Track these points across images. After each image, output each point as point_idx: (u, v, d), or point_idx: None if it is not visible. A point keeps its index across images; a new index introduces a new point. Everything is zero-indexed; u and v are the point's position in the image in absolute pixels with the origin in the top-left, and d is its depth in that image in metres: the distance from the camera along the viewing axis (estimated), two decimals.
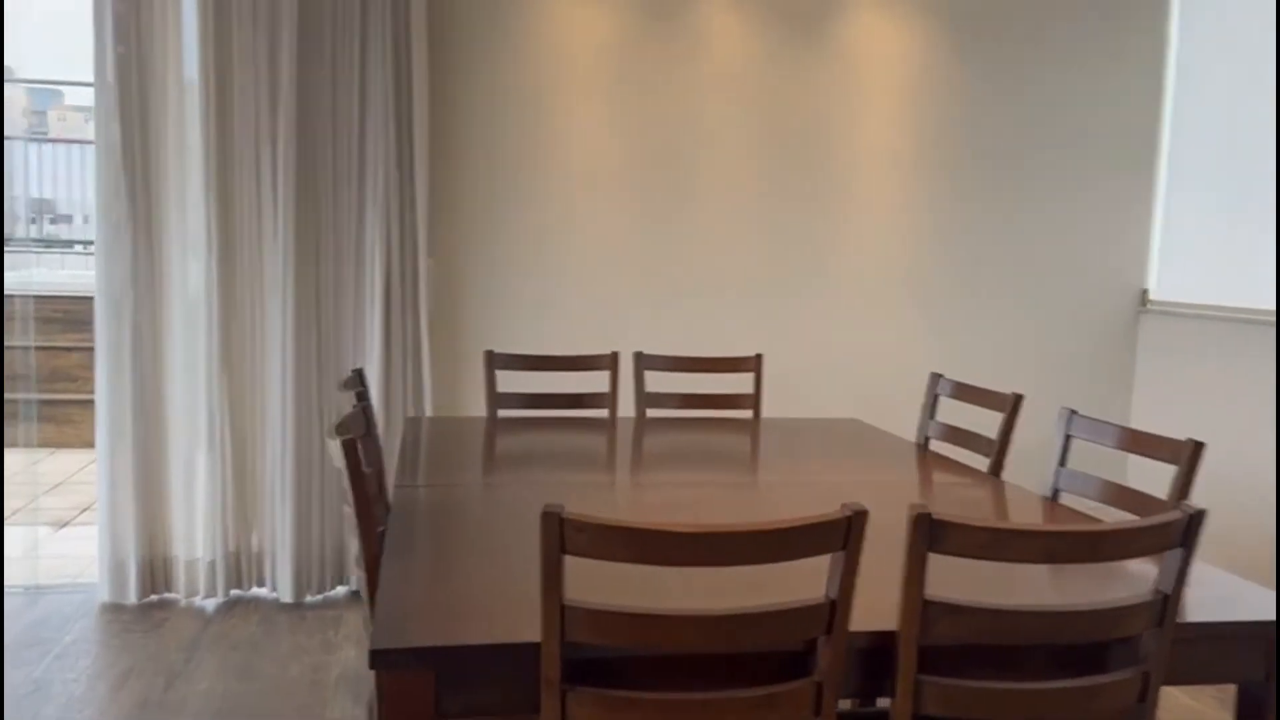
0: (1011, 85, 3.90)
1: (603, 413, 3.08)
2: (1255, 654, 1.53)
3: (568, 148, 3.62)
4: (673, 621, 1.26)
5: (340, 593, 3.47)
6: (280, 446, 3.32)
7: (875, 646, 1.38)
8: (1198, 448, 1.97)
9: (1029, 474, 2.58)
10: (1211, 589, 1.65)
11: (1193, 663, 1.51)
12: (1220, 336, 3.65)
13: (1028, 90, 3.91)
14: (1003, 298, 3.97)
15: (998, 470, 2.47)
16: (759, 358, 3.17)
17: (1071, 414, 2.26)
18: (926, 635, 1.33)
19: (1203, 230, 3.89)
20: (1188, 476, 1.97)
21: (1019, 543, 1.32)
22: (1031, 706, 1.37)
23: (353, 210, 3.36)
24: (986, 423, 2.60)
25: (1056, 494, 2.24)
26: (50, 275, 7.72)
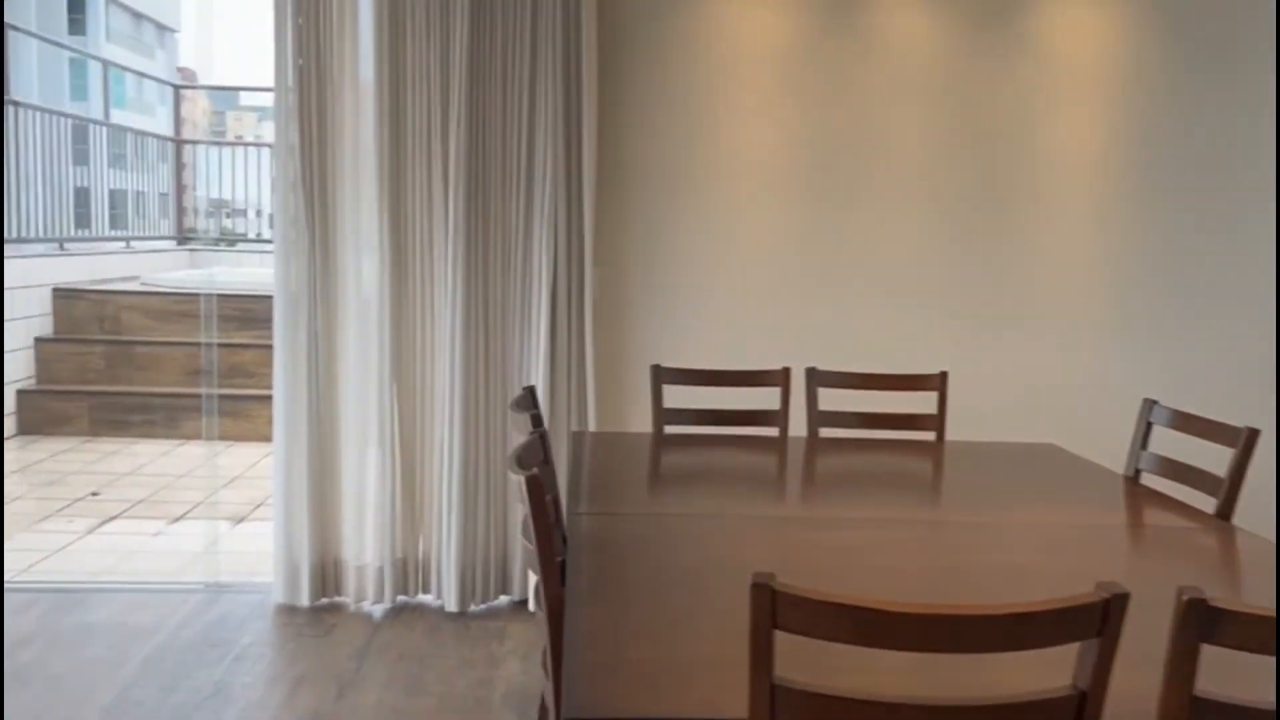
0: (1228, 79, 3.54)
1: (773, 431, 2.95)
2: None
3: (738, 154, 3.49)
4: (901, 712, 1.12)
5: (503, 602, 3.45)
6: (447, 454, 3.32)
7: None
8: None
9: (1259, 517, 2.30)
10: None
11: None
12: None
13: (1248, 83, 3.54)
14: (1221, 316, 3.61)
15: (1228, 513, 2.21)
16: (943, 375, 2.96)
17: None
18: None
19: None
20: None
21: None
22: None
23: (520, 215, 3.33)
24: (1206, 455, 2.34)
25: None
26: (228, 274, 8.10)
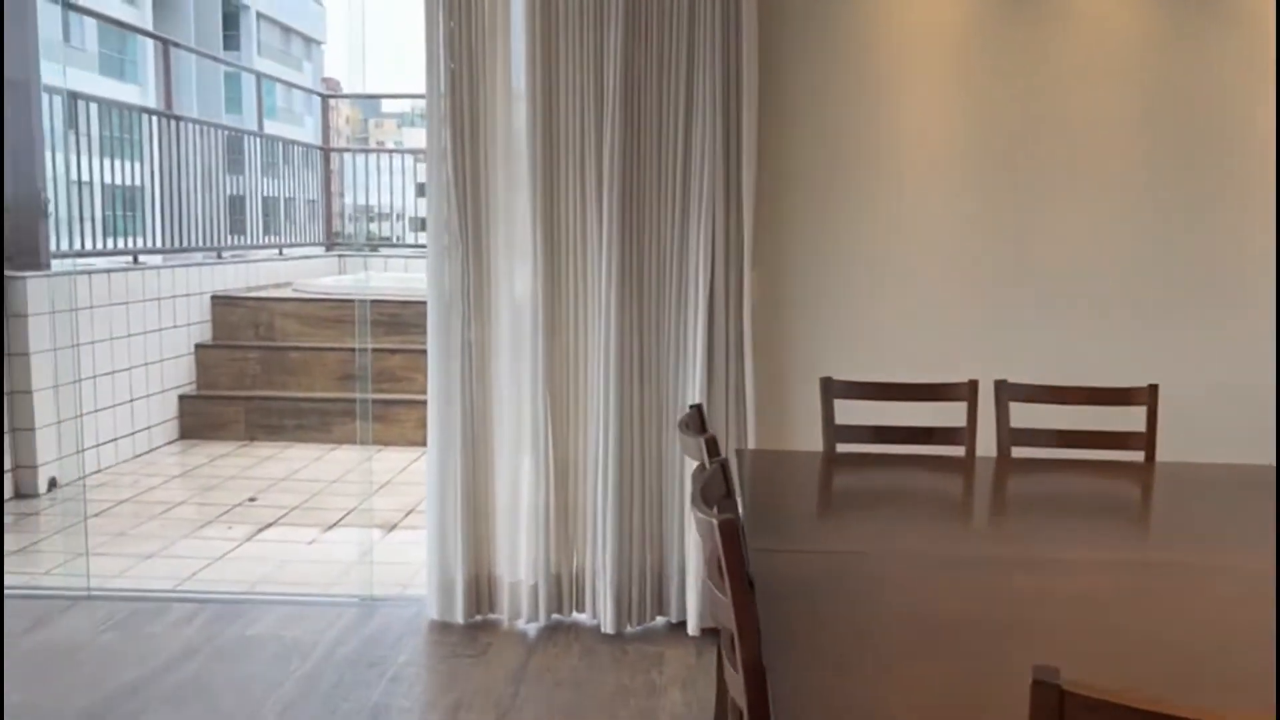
0: None
1: (958, 450, 2.69)
2: None
3: (911, 146, 3.24)
4: None
5: (659, 624, 3.29)
6: (601, 467, 3.19)
7: None
8: None
9: None
10: None
11: None
12: None
13: None
14: None
15: None
16: (1153, 389, 2.65)
17: None
18: None
19: None
20: None
21: None
22: None
23: (675, 217, 3.16)
24: None
25: None
26: (377, 279, 8.23)
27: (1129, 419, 2.68)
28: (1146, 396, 2.65)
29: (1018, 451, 2.68)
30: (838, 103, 3.23)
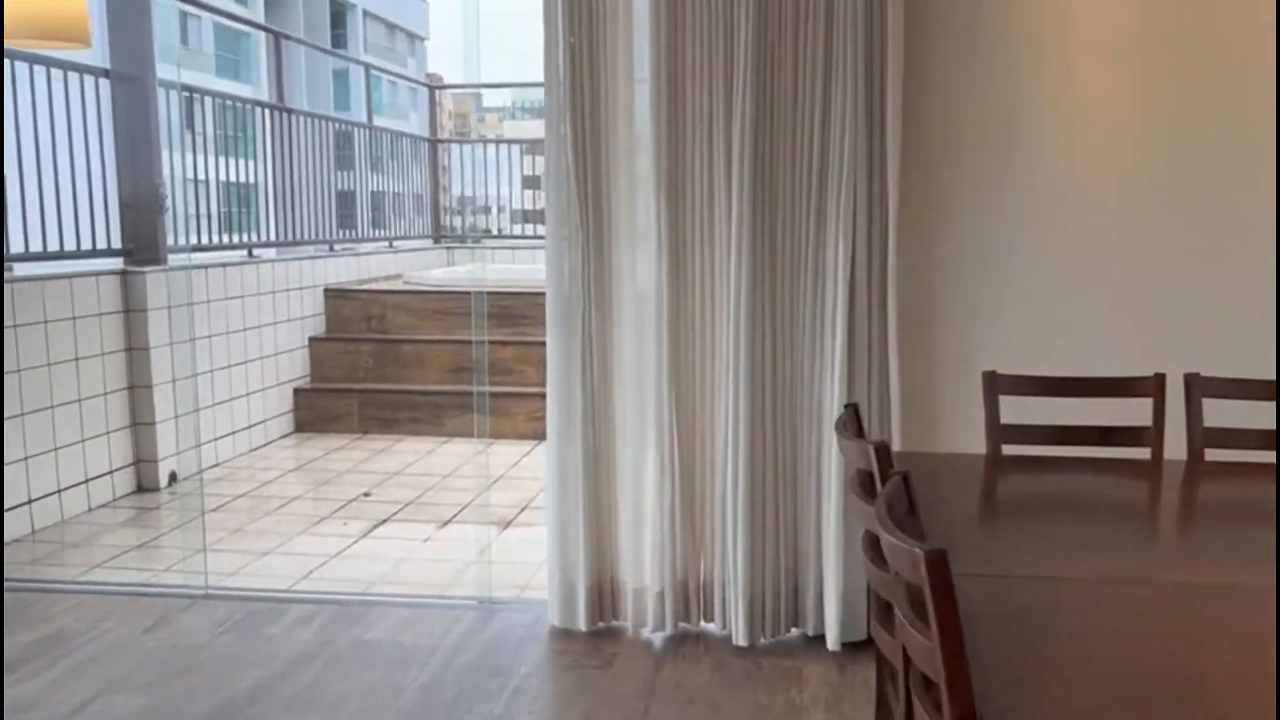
0: None
1: (1143, 453, 2.39)
2: None
3: (1074, 119, 2.91)
4: None
5: (794, 636, 3.06)
6: (731, 468, 2.97)
7: None
8: None
9: None
10: None
11: None
12: None
13: None
14: None
15: None
16: None
17: None
18: None
19: None
20: None
21: None
22: None
23: (812, 198, 2.91)
24: None
25: None
26: (484, 271, 8.16)
27: None
28: None
29: (1212, 454, 2.36)
30: (996, 65, 2.93)
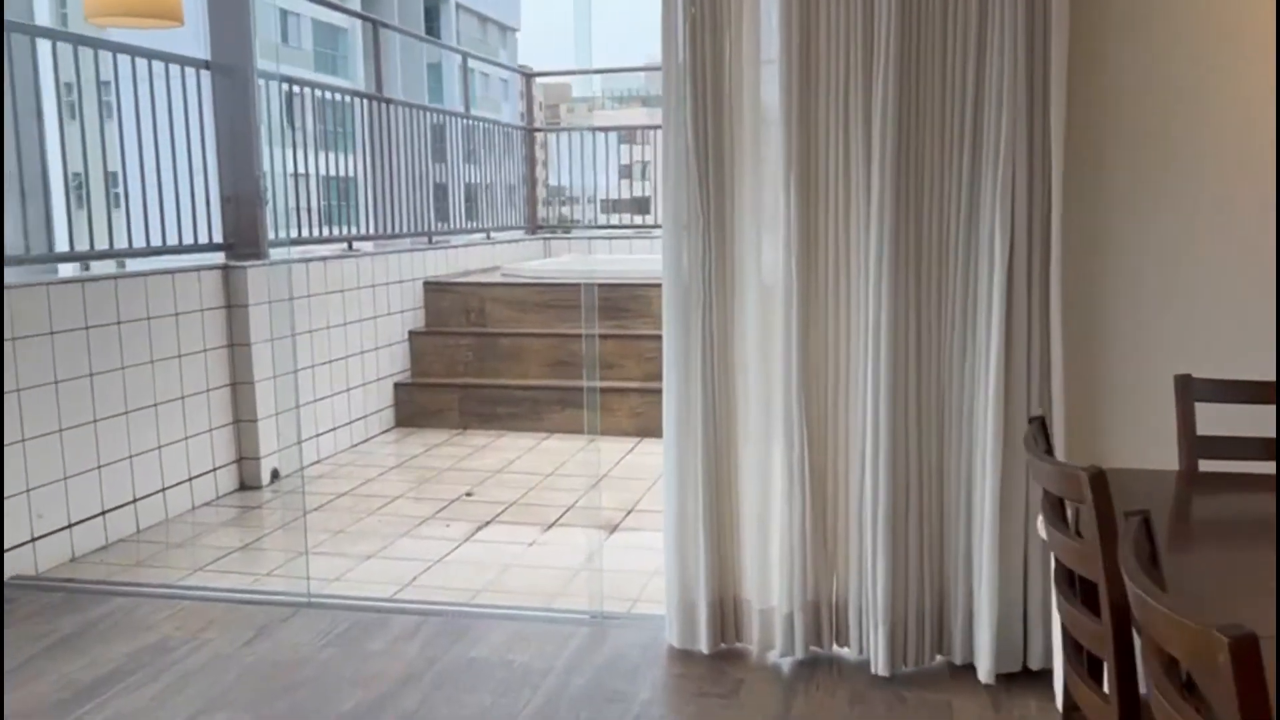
0: None
1: None
2: None
3: (1263, 104, 2.54)
4: None
5: (938, 665, 2.77)
6: (870, 477, 2.69)
7: None
8: None
9: None
10: None
11: None
12: None
13: None
14: None
15: None
16: None
17: None
18: None
19: None
20: None
21: None
22: None
23: (963, 179, 2.61)
24: None
25: None
26: (579, 262, 7.97)
27: None
28: None
29: None
30: (1172, 40, 2.58)
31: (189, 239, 4.55)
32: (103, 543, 3.91)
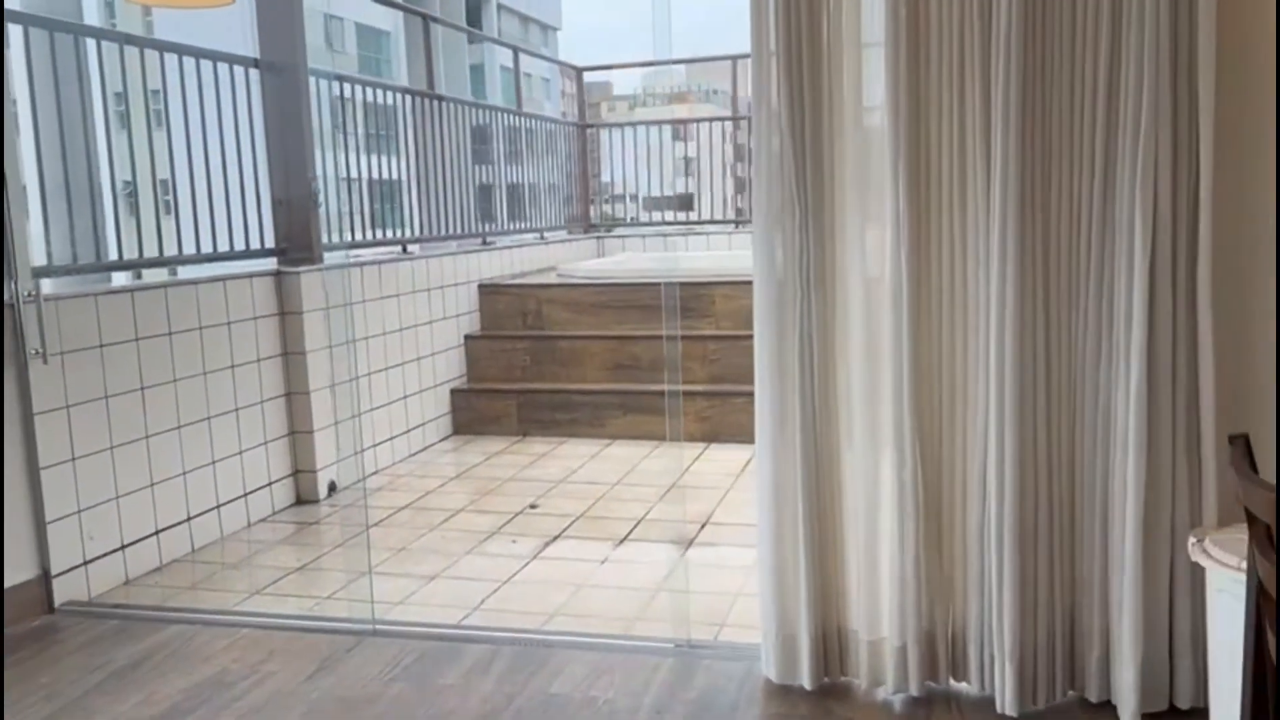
0: None
1: None
2: None
3: None
4: None
5: (1070, 701, 2.49)
6: (993, 493, 2.42)
7: None
8: None
9: None
10: None
11: None
12: None
13: None
14: None
15: None
16: None
17: None
18: None
19: None
20: None
21: None
22: None
23: (1095, 172, 2.33)
24: None
25: None
26: (632, 261, 7.73)
27: None
28: None
29: None
30: None
31: (240, 244, 4.38)
32: (157, 564, 3.74)
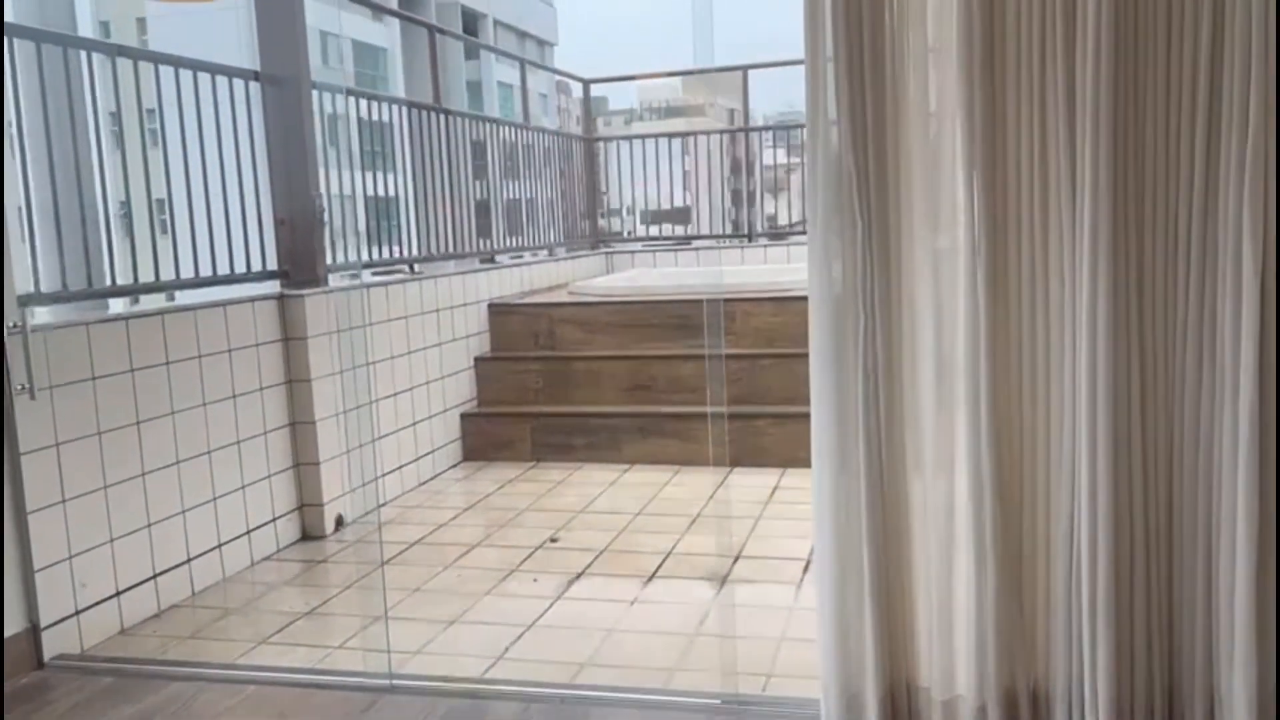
0: None
1: None
2: None
3: None
4: None
5: None
6: (1088, 533, 2.18)
7: None
8: None
9: None
10: None
11: None
12: None
13: None
14: None
15: None
16: None
17: None
18: None
19: None
20: None
21: None
22: None
23: (1195, 171, 2.10)
24: None
25: None
26: (644, 277, 7.49)
27: None
28: None
29: None
30: None
31: (241, 267, 4.14)
32: (155, 610, 3.49)
